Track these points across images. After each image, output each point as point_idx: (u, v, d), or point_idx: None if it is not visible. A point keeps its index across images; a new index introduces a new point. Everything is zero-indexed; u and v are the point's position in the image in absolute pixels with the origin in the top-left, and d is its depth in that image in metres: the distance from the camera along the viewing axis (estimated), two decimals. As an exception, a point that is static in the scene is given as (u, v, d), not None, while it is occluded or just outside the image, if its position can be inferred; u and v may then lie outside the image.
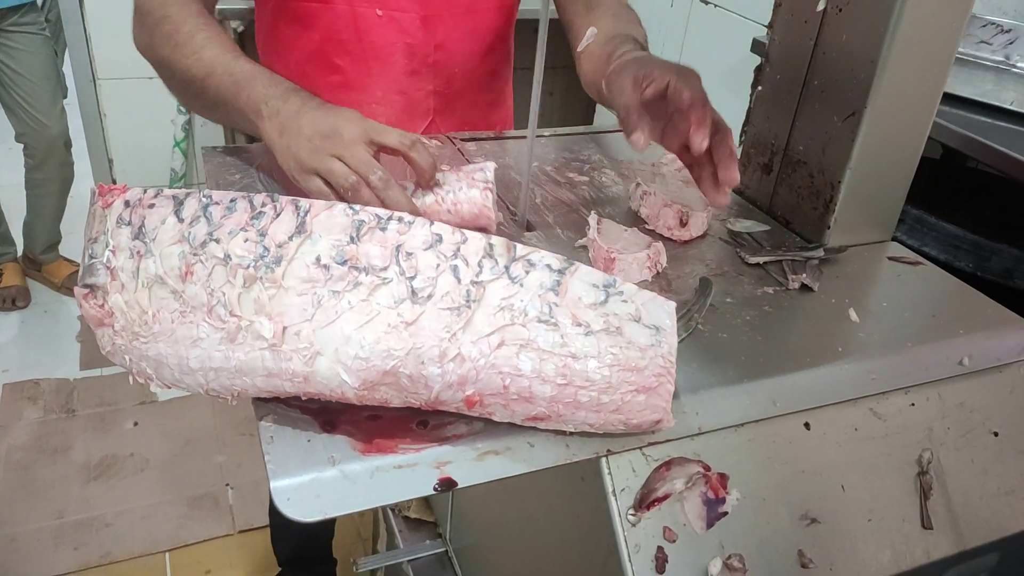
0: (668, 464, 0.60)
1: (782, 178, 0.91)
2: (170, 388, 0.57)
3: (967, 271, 1.11)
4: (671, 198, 0.85)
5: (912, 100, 0.80)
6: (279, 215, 0.55)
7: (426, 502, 1.20)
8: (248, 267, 0.53)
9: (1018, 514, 0.72)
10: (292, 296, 0.53)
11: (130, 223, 0.57)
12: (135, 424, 2.22)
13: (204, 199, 0.57)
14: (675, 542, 0.59)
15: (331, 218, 0.55)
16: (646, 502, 0.58)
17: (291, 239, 0.54)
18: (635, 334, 0.55)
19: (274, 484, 0.51)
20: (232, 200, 0.56)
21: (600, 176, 0.98)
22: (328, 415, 0.57)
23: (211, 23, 0.89)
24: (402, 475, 0.54)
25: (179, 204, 0.57)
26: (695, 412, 0.61)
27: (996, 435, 0.73)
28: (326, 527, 1.67)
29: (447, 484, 0.54)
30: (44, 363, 2.44)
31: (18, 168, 2.56)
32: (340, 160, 0.73)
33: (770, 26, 0.90)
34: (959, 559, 0.69)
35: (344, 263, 0.54)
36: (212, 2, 0.98)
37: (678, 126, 0.78)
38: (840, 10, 0.80)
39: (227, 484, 2.05)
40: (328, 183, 0.74)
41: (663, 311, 0.57)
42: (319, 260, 0.54)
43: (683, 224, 0.84)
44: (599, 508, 0.59)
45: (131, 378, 0.59)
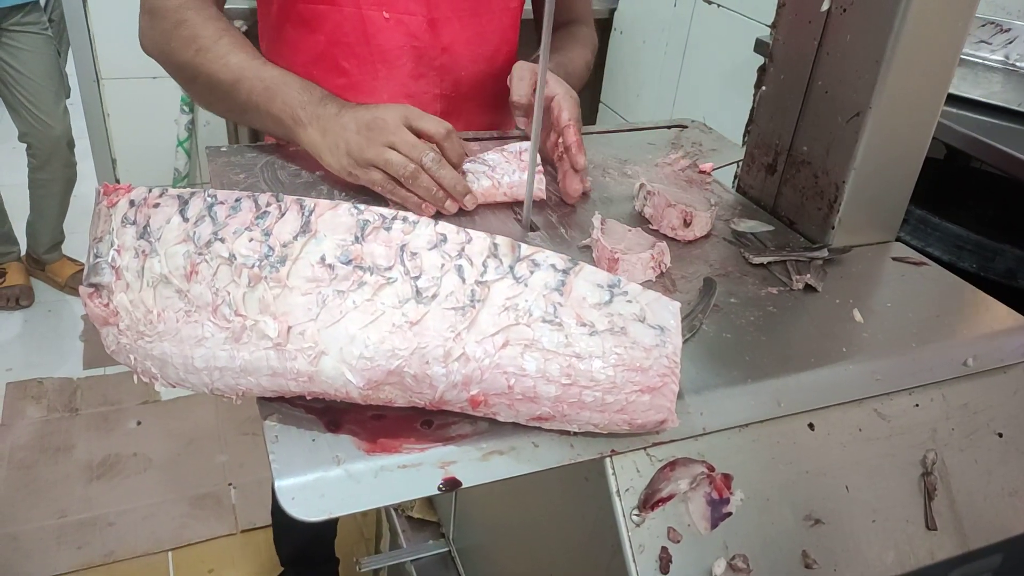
0: (672, 464, 0.60)
1: (786, 178, 0.91)
2: (175, 387, 0.58)
3: (971, 271, 1.11)
4: (675, 198, 0.85)
5: (916, 100, 0.80)
6: (284, 215, 0.55)
7: (429, 502, 1.20)
8: (253, 266, 0.54)
9: (1022, 515, 0.72)
10: (297, 296, 0.53)
11: (135, 222, 0.57)
12: (138, 423, 2.23)
13: (209, 199, 0.57)
14: (679, 542, 0.58)
15: (336, 218, 0.55)
16: (650, 502, 0.58)
17: (296, 239, 0.54)
18: (640, 334, 0.55)
19: (279, 483, 0.51)
20: (237, 200, 0.57)
21: (604, 176, 0.98)
22: (333, 415, 0.57)
23: (231, 28, 0.90)
24: (406, 475, 0.54)
25: (184, 204, 0.57)
26: (699, 412, 0.61)
27: (1000, 436, 0.72)
28: (329, 527, 1.67)
29: (451, 484, 0.54)
30: (47, 362, 2.44)
31: (21, 168, 2.57)
32: (393, 148, 0.78)
33: (774, 26, 0.90)
34: (963, 560, 0.69)
35: (349, 263, 0.54)
36: (222, 3, 0.98)
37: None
38: (844, 10, 0.79)
39: (230, 484, 2.05)
40: (387, 173, 0.78)
41: (667, 311, 0.57)
42: (324, 260, 0.54)
43: (687, 224, 0.84)
44: (603, 508, 0.59)
45: (135, 377, 0.59)
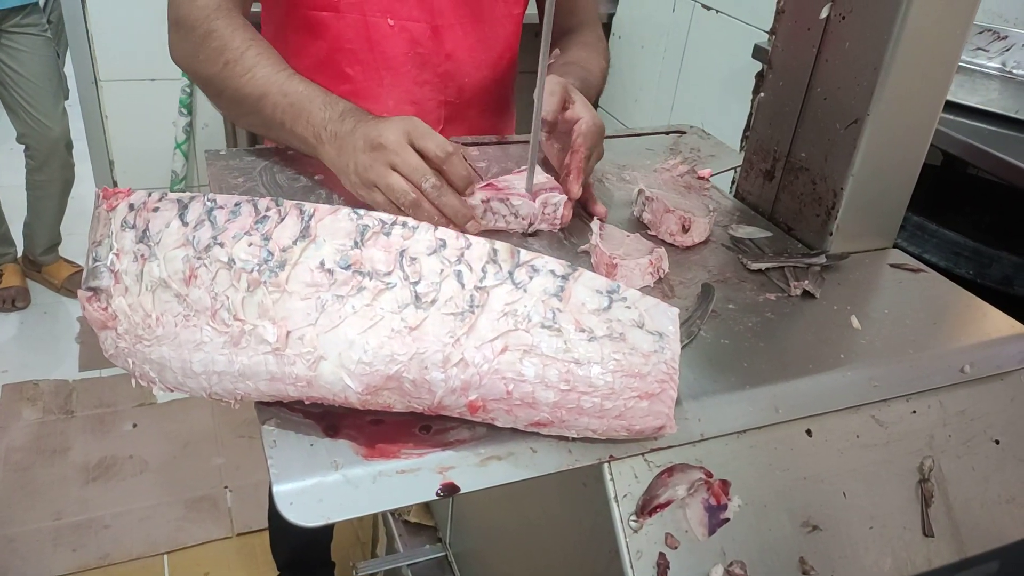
0: (670, 470, 0.60)
1: (784, 185, 0.91)
2: (173, 391, 0.58)
3: (968, 278, 1.11)
4: (673, 204, 0.85)
5: (914, 108, 0.81)
6: (283, 219, 0.55)
7: (426, 506, 1.20)
8: (252, 271, 0.53)
9: (1019, 522, 0.72)
10: (296, 300, 0.53)
11: (134, 226, 0.57)
12: (134, 426, 2.22)
13: (208, 203, 0.57)
14: (677, 549, 0.59)
15: (335, 222, 0.55)
16: (648, 508, 0.58)
17: (295, 243, 0.54)
18: (638, 340, 0.55)
19: (277, 488, 0.51)
20: (236, 204, 0.56)
21: (602, 181, 0.98)
22: (331, 419, 0.57)
23: (258, 38, 0.89)
24: (405, 480, 0.54)
25: (183, 208, 0.57)
26: (697, 418, 0.61)
27: (997, 443, 0.73)
28: (326, 531, 1.67)
29: (449, 489, 0.54)
30: (43, 364, 2.43)
31: (19, 169, 2.56)
32: (395, 169, 0.74)
33: (772, 32, 0.90)
34: (960, 567, 0.69)
35: (348, 268, 0.54)
36: (247, 8, 0.96)
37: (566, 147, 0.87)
38: (843, 17, 0.80)
39: (226, 486, 2.05)
40: (388, 197, 0.75)
41: (666, 317, 0.57)
42: (323, 264, 0.54)
43: (685, 230, 0.84)
44: (601, 514, 0.59)
45: (133, 381, 0.59)
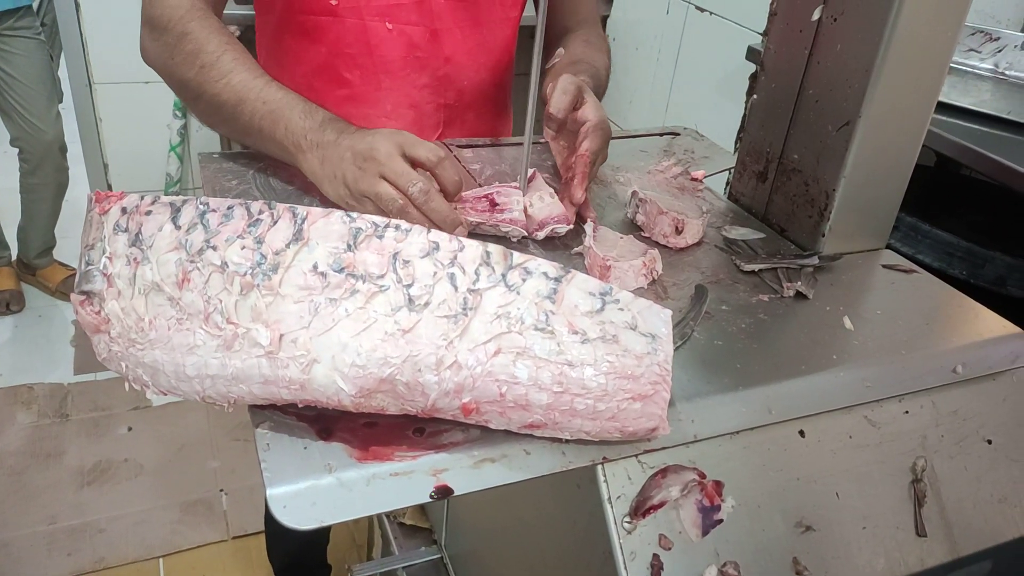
0: (664, 472, 0.60)
1: (777, 186, 0.91)
2: (166, 395, 0.57)
3: (961, 279, 1.11)
4: (667, 205, 0.85)
5: (906, 109, 0.81)
6: (276, 222, 0.56)
7: (421, 509, 1.20)
8: (245, 274, 0.53)
9: (1011, 522, 0.72)
10: (289, 303, 0.53)
11: (127, 230, 0.57)
12: (129, 429, 2.22)
13: (201, 206, 0.57)
14: (670, 550, 0.59)
15: (328, 225, 0.55)
16: (642, 509, 0.58)
17: (288, 246, 0.54)
18: (631, 342, 0.55)
19: (270, 492, 0.51)
20: (229, 207, 0.56)
21: (596, 183, 0.98)
22: (324, 422, 0.57)
23: (234, 41, 0.88)
24: (398, 482, 0.54)
25: (176, 211, 0.57)
26: (691, 420, 0.61)
27: (989, 443, 0.73)
28: (322, 534, 1.67)
29: (443, 492, 0.54)
30: (38, 368, 2.43)
31: (13, 172, 2.56)
32: (384, 178, 0.75)
33: (765, 34, 0.90)
34: (953, 566, 0.69)
35: (341, 271, 0.54)
36: (220, 9, 0.96)
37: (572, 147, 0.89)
38: (835, 19, 0.80)
39: (221, 490, 2.05)
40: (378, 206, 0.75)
41: (659, 319, 0.57)
42: (316, 268, 0.54)
43: (679, 231, 0.84)
44: (595, 515, 0.59)
45: (127, 384, 0.59)
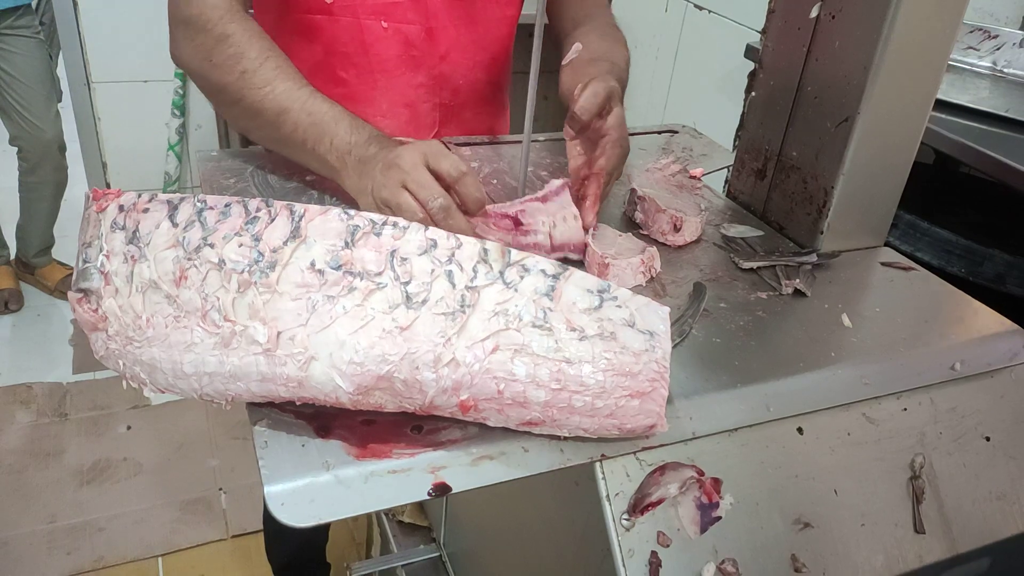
0: (662, 469, 0.60)
1: (775, 183, 0.91)
2: (164, 393, 0.57)
3: (959, 276, 1.11)
4: (665, 203, 0.85)
5: (905, 106, 0.81)
6: (274, 220, 0.55)
7: (420, 507, 1.20)
8: (242, 272, 0.53)
9: (1009, 518, 0.72)
10: (287, 301, 0.53)
11: (124, 228, 0.56)
12: (128, 428, 2.22)
13: (198, 204, 0.57)
14: (669, 547, 0.59)
15: (326, 223, 0.55)
16: (640, 507, 0.58)
17: (286, 244, 0.54)
18: (629, 339, 0.55)
19: (268, 489, 0.51)
20: (227, 205, 0.56)
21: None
22: (322, 420, 0.57)
23: (275, 47, 0.86)
24: (396, 480, 0.54)
25: (173, 209, 0.57)
26: (689, 417, 0.61)
27: (988, 440, 0.73)
28: (321, 532, 1.67)
29: (441, 489, 0.54)
30: (37, 367, 2.43)
31: (12, 171, 2.55)
32: (406, 188, 0.74)
33: (763, 32, 0.90)
34: (951, 563, 0.69)
35: (339, 268, 0.54)
36: (249, 6, 0.92)
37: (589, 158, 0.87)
38: (833, 17, 0.80)
39: (220, 488, 2.05)
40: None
41: (657, 316, 0.57)
42: (314, 265, 0.54)
43: (677, 229, 0.84)
44: (593, 513, 0.59)
45: (125, 383, 0.59)
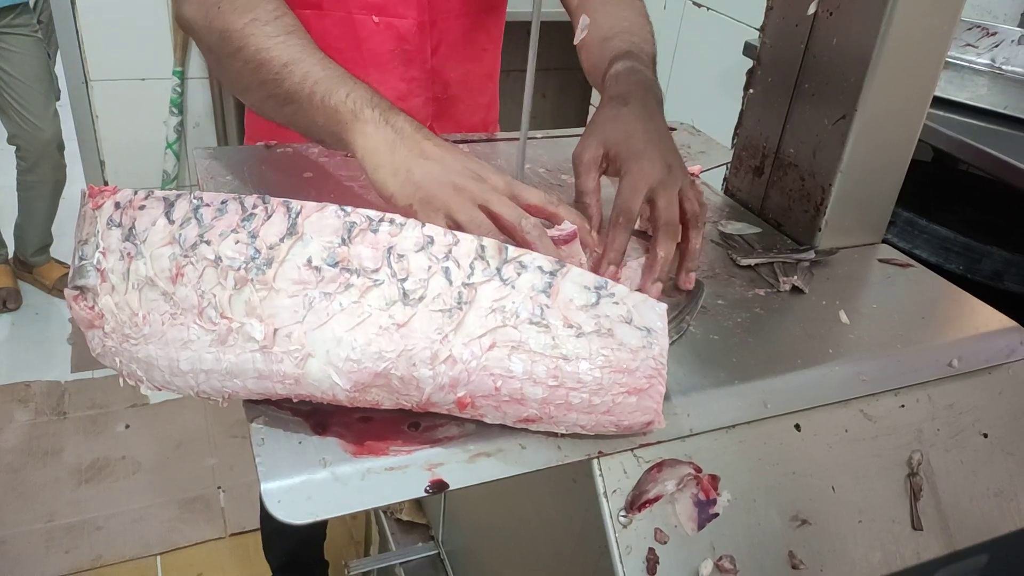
0: (659, 466, 0.60)
1: (773, 180, 0.91)
2: (160, 390, 0.57)
3: (957, 273, 1.11)
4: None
5: (902, 103, 0.81)
6: (270, 217, 0.55)
7: (418, 504, 1.20)
8: (239, 269, 0.53)
9: (1007, 515, 0.72)
10: (283, 298, 0.53)
11: (120, 225, 0.56)
12: (126, 427, 2.22)
13: (195, 201, 0.56)
14: (666, 543, 0.59)
15: (322, 220, 0.55)
16: (637, 504, 0.58)
17: (282, 241, 0.54)
18: (626, 336, 0.55)
19: (265, 486, 0.51)
20: (223, 202, 0.56)
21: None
22: (319, 417, 0.57)
23: (291, 12, 0.79)
24: (393, 477, 0.54)
25: (170, 206, 0.56)
26: (686, 414, 0.61)
27: (985, 436, 0.73)
28: (319, 530, 1.67)
29: (438, 486, 0.54)
30: (35, 365, 2.42)
31: (10, 170, 2.55)
32: (485, 209, 0.65)
33: (761, 29, 0.90)
34: (949, 560, 0.69)
35: (335, 265, 0.54)
36: None
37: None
38: (831, 13, 0.80)
39: (219, 487, 2.05)
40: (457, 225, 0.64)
41: (654, 313, 0.57)
42: (310, 262, 0.54)
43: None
44: (590, 510, 0.59)
45: (121, 380, 0.59)
